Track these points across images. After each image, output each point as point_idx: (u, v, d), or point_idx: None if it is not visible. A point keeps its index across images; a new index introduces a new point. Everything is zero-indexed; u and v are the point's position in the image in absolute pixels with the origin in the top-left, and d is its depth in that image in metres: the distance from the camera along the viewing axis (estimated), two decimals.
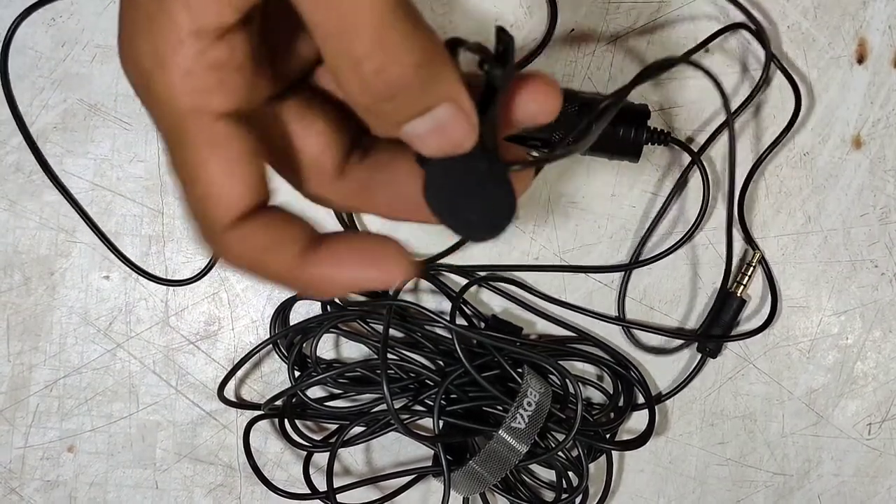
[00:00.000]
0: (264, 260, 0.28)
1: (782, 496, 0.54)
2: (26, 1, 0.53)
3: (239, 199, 0.26)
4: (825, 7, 0.52)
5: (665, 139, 0.50)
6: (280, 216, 0.28)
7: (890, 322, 0.53)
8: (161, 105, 0.26)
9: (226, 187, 0.26)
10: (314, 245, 0.28)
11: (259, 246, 0.27)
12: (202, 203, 0.27)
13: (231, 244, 0.27)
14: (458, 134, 0.26)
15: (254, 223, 0.27)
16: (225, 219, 0.27)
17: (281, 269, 0.28)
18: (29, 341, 0.54)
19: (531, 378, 0.49)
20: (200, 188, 0.26)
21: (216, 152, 0.26)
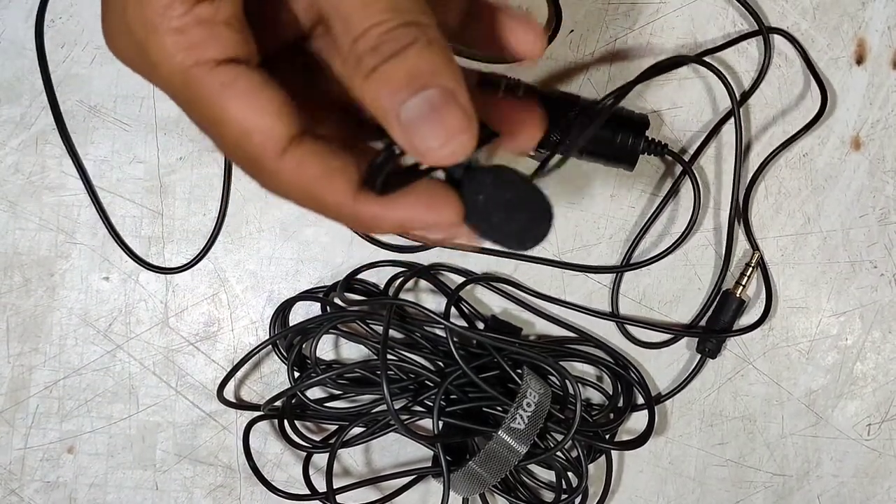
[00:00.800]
0: (319, 190, 0.28)
1: (782, 497, 0.54)
2: (26, 1, 0.53)
3: (272, 127, 0.27)
4: (824, 8, 0.52)
5: (661, 150, 0.50)
6: (330, 145, 0.28)
7: (889, 323, 0.53)
8: (161, 68, 0.27)
9: (255, 119, 0.27)
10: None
11: (312, 175, 0.28)
12: (242, 142, 0.27)
13: (284, 174, 0.27)
14: (454, 134, 0.26)
15: (302, 150, 0.27)
16: (269, 150, 0.27)
17: (337, 200, 0.28)
18: (29, 342, 0.54)
19: (530, 379, 0.49)
20: (233, 129, 0.27)
21: (230, 91, 0.27)
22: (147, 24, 0.26)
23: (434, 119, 0.26)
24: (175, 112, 0.53)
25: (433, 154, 0.26)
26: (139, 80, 0.53)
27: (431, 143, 0.26)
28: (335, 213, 0.29)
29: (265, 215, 0.54)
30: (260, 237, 0.54)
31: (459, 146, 0.26)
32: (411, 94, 0.25)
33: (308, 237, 0.54)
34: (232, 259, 0.54)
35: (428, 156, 0.26)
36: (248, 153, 0.27)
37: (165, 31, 0.26)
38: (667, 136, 0.53)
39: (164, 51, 0.26)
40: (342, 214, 0.29)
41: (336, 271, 0.54)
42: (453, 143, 0.26)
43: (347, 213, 0.28)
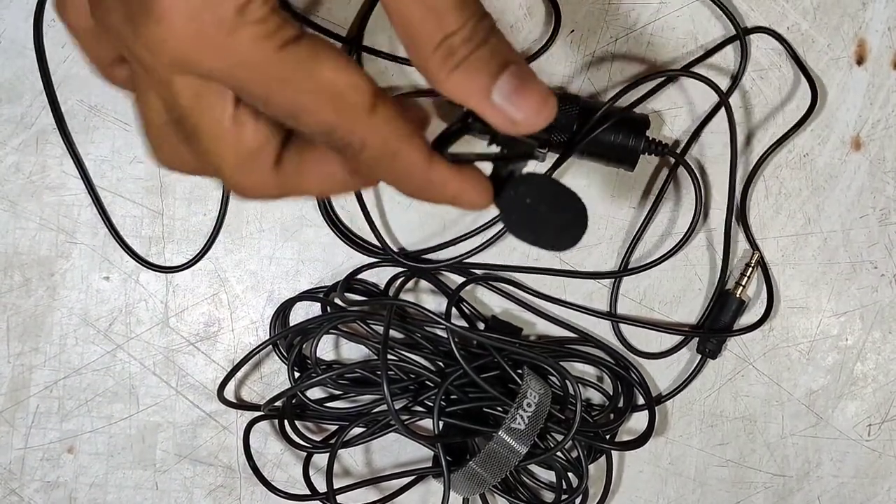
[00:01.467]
0: (403, 148, 0.30)
1: (782, 497, 0.54)
2: (27, 1, 0.53)
3: (361, 81, 0.29)
4: (825, 8, 0.52)
5: (662, 150, 0.50)
6: (401, 107, 0.30)
7: (889, 323, 0.53)
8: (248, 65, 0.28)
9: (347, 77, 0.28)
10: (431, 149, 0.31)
11: (400, 132, 0.30)
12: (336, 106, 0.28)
13: (377, 129, 0.29)
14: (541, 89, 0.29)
15: (388, 107, 0.29)
16: (363, 106, 0.29)
17: (414, 161, 0.30)
18: (29, 342, 0.54)
19: (531, 379, 0.49)
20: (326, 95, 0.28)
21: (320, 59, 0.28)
22: (223, 24, 0.27)
23: (524, 90, 0.29)
24: None
25: (528, 122, 0.29)
26: None
27: (526, 111, 0.29)
28: (408, 175, 0.30)
29: (265, 215, 0.54)
30: (260, 237, 0.54)
31: (550, 110, 0.30)
32: (499, 74, 0.29)
33: (309, 237, 0.54)
34: (232, 259, 0.54)
35: (524, 125, 0.29)
36: (339, 117, 0.29)
37: (246, 25, 0.27)
38: (667, 136, 0.53)
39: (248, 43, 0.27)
40: (413, 177, 0.31)
41: (336, 271, 0.54)
42: (546, 108, 0.29)
43: (421, 172, 0.30)
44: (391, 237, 0.53)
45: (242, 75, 0.28)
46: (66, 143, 0.53)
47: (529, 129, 0.30)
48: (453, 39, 0.28)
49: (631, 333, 0.54)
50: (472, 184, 0.32)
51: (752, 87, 0.53)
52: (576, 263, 0.53)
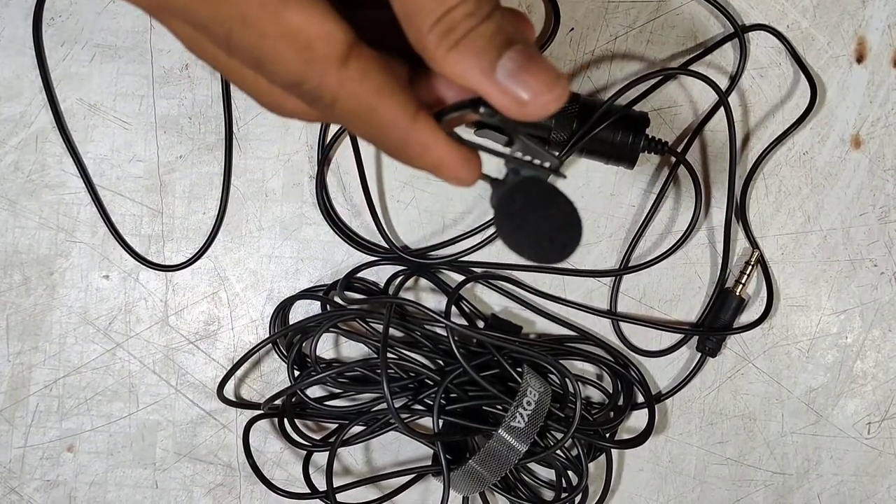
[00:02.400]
0: (380, 103, 0.28)
1: (782, 495, 0.54)
2: (26, 0, 0.53)
3: (334, 31, 0.27)
4: (824, 6, 0.52)
5: (662, 148, 0.50)
6: (384, 60, 0.28)
7: (889, 321, 0.53)
8: None
9: (317, 26, 0.26)
10: (420, 108, 0.29)
11: (375, 85, 0.27)
12: (304, 56, 0.27)
13: (346, 85, 0.27)
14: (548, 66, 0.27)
15: (364, 60, 0.27)
16: (334, 57, 0.27)
17: (394, 117, 0.28)
18: (29, 341, 0.54)
19: (531, 377, 0.49)
20: (292, 43, 0.26)
21: (289, 3, 0.26)
22: None
23: (532, 67, 0.27)
24: (175, 111, 0.53)
25: (537, 103, 0.27)
26: (139, 78, 0.53)
27: (535, 89, 0.27)
28: (387, 133, 0.29)
29: (265, 214, 0.54)
30: (260, 235, 0.54)
31: (561, 89, 0.27)
32: (502, 52, 0.26)
33: (308, 235, 0.54)
34: (232, 257, 0.54)
35: (533, 106, 0.27)
36: (308, 68, 0.27)
37: None
38: (667, 134, 0.53)
39: None
40: (393, 135, 0.29)
41: (336, 270, 0.54)
42: (556, 87, 0.27)
43: (400, 131, 0.28)
44: (391, 235, 0.53)
45: (201, 10, 0.26)
46: (65, 141, 0.53)
47: (540, 112, 0.27)
48: (454, 14, 0.26)
49: (631, 331, 0.54)
50: (459, 155, 0.29)
51: (751, 85, 0.53)
52: (576, 262, 0.53)
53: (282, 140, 0.53)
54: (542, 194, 0.30)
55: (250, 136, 0.53)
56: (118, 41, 0.53)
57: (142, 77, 0.53)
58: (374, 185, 0.53)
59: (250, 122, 0.53)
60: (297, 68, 0.27)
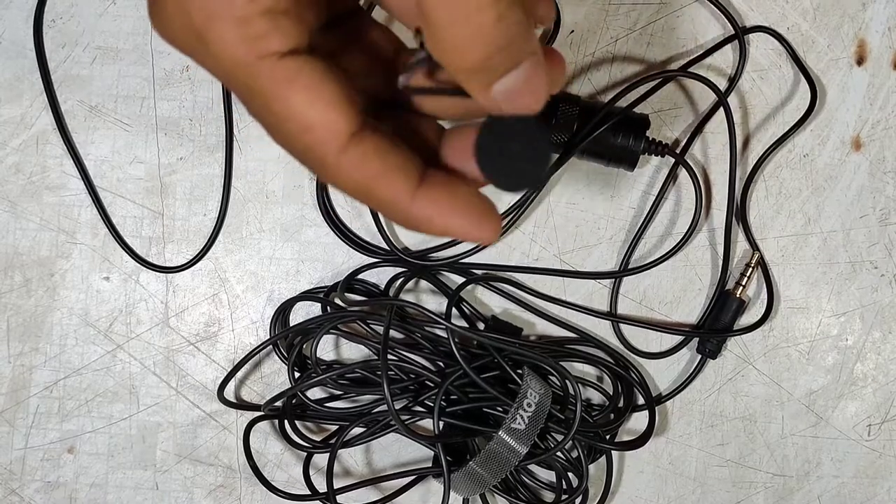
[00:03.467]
0: (377, 187, 0.28)
1: (782, 497, 0.54)
2: (26, 1, 0.53)
3: (335, 121, 0.27)
4: (825, 9, 0.52)
5: (662, 150, 0.50)
6: (390, 140, 0.28)
7: (889, 323, 0.53)
8: (222, 58, 0.26)
9: (318, 115, 0.27)
10: (423, 180, 0.29)
11: (372, 172, 0.28)
12: (304, 137, 0.27)
13: (343, 169, 0.28)
14: (541, 87, 0.27)
15: (363, 147, 0.28)
16: (331, 145, 0.27)
17: (391, 198, 0.28)
18: (29, 342, 0.54)
19: (531, 379, 0.49)
20: (295, 124, 0.27)
21: (295, 86, 0.26)
22: (208, 10, 0.25)
23: (528, 87, 0.27)
24: (175, 112, 0.53)
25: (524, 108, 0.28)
26: (140, 80, 0.54)
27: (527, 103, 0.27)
28: (388, 209, 0.29)
29: (266, 215, 0.54)
30: (260, 237, 0.54)
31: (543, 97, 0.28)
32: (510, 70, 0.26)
33: (309, 237, 0.54)
34: (232, 259, 0.54)
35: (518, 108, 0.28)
36: (309, 147, 0.27)
37: (228, 21, 0.25)
38: (667, 136, 0.53)
39: (226, 41, 0.26)
40: (395, 210, 0.29)
41: (337, 271, 0.54)
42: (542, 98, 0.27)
43: (401, 210, 0.29)
44: (392, 237, 0.53)
45: (211, 68, 0.26)
46: (66, 143, 0.53)
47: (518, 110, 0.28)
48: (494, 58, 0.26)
49: (631, 333, 0.54)
50: (467, 220, 0.29)
51: (751, 88, 0.53)
52: (576, 263, 0.53)
53: None
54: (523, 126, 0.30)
55: (251, 137, 0.53)
56: (119, 43, 0.53)
57: (143, 79, 0.53)
58: None
59: (251, 123, 0.53)
60: (299, 145, 0.27)
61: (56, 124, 0.53)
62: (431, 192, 0.29)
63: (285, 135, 0.27)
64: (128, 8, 0.53)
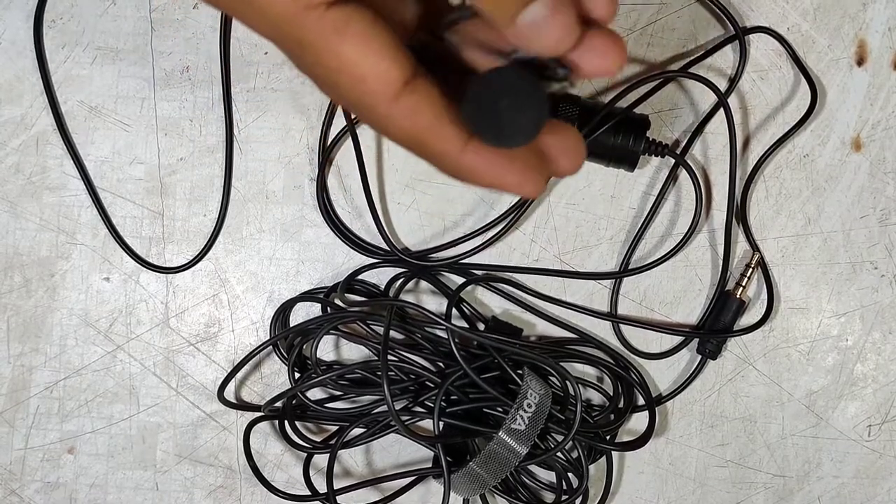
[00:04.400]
0: (429, 138, 0.28)
1: (782, 498, 0.54)
2: (26, 2, 0.53)
3: (388, 70, 0.27)
4: (825, 9, 0.52)
5: (662, 151, 0.50)
6: (440, 93, 0.28)
7: (890, 324, 0.53)
8: (269, 12, 0.26)
9: (370, 64, 0.26)
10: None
11: (424, 122, 0.28)
12: (356, 87, 0.27)
13: (396, 119, 0.28)
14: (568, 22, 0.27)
15: (416, 97, 0.28)
16: (384, 95, 0.27)
17: (442, 149, 0.28)
18: (29, 343, 0.54)
19: (531, 379, 0.49)
20: (346, 74, 0.27)
21: (345, 36, 0.26)
22: None
23: (555, 20, 0.27)
24: (175, 112, 0.53)
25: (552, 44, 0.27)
26: (140, 80, 0.54)
27: (554, 38, 0.27)
28: (439, 159, 0.29)
29: (266, 216, 0.54)
30: (261, 238, 0.54)
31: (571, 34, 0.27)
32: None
33: (309, 238, 0.54)
34: (232, 260, 0.54)
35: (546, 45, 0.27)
36: (361, 98, 0.27)
37: None
38: (667, 136, 0.53)
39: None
40: (445, 161, 0.29)
41: (337, 272, 0.54)
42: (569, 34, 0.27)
43: (451, 161, 0.29)
44: (392, 238, 0.53)
45: (256, 24, 0.26)
46: (66, 143, 0.53)
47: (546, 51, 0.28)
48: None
49: (631, 334, 0.54)
50: (514, 173, 0.29)
51: (752, 88, 0.53)
52: (576, 264, 0.53)
53: (283, 142, 0.53)
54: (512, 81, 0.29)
55: (251, 138, 0.53)
56: (119, 43, 0.53)
57: (143, 79, 0.53)
58: (375, 187, 0.53)
59: (251, 124, 0.53)
60: (349, 96, 0.27)
61: (56, 125, 0.53)
62: (481, 146, 0.29)
63: (337, 87, 0.27)
64: (128, 8, 0.53)
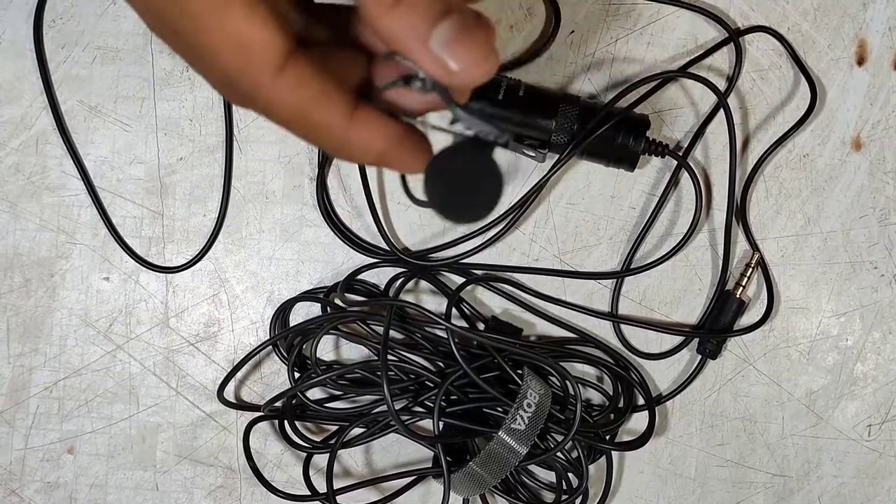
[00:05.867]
0: (313, 110, 0.28)
1: (782, 498, 0.54)
2: (26, 2, 0.53)
3: (272, 41, 0.27)
4: (825, 9, 0.52)
5: (662, 151, 0.50)
6: (325, 64, 0.28)
7: (889, 323, 0.53)
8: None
9: (254, 33, 0.26)
10: (358, 105, 0.29)
11: (309, 93, 0.28)
12: (240, 58, 0.27)
13: (280, 91, 0.27)
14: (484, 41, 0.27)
15: (300, 68, 0.27)
16: (268, 66, 0.27)
17: (329, 121, 0.28)
18: (29, 343, 0.54)
19: (531, 379, 0.49)
20: (230, 43, 0.27)
21: (232, 6, 0.26)
22: None
23: (466, 39, 0.27)
24: (175, 112, 0.53)
25: (464, 74, 0.27)
26: (140, 80, 0.54)
27: (464, 62, 0.27)
28: (325, 135, 0.29)
29: (266, 215, 0.54)
30: (260, 238, 0.54)
31: (490, 65, 0.27)
32: (440, 19, 0.27)
33: (308, 238, 0.54)
34: (232, 259, 0.54)
35: (458, 76, 0.27)
36: (244, 69, 0.27)
37: None
38: (667, 136, 0.53)
39: None
40: (332, 136, 0.29)
41: (336, 272, 0.54)
42: (485, 63, 0.27)
43: (339, 135, 0.29)
44: (392, 238, 0.53)
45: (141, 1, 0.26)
46: (66, 143, 0.53)
47: (467, 83, 0.28)
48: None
49: (631, 334, 0.54)
50: (402, 144, 0.30)
51: (752, 88, 0.53)
52: (576, 264, 0.53)
53: (282, 142, 0.53)
54: (473, 158, 0.30)
55: (251, 138, 0.53)
56: (119, 43, 0.53)
57: (142, 79, 0.53)
58: (374, 186, 0.53)
59: (251, 123, 0.53)
60: (232, 68, 0.27)
61: (56, 124, 0.53)
62: (368, 116, 0.29)
63: (218, 59, 0.27)
64: (128, 8, 0.53)
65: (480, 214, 0.30)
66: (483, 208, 0.30)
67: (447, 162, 0.30)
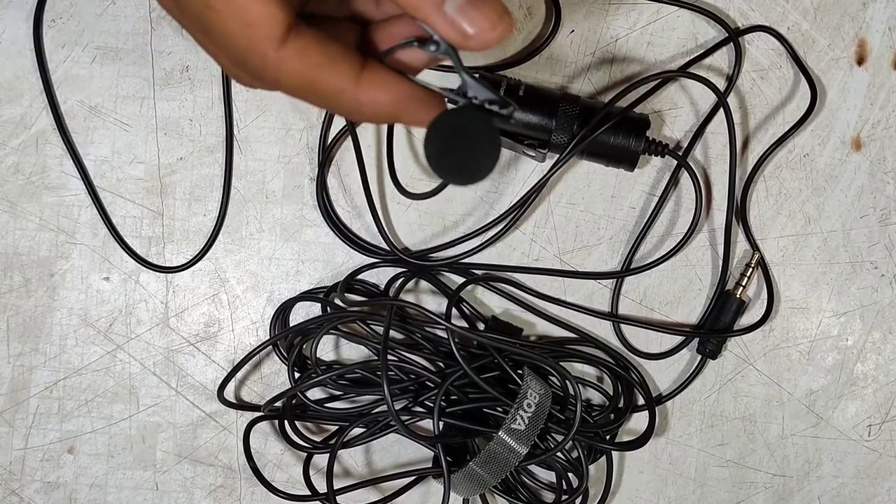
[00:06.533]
0: (321, 77, 0.29)
1: (782, 498, 0.54)
2: (26, 1, 0.53)
3: (274, 14, 0.28)
4: (825, 8, 0.52)
5: (662, 150, 0.50)
6: (329, 30, 0.30)
7: (890, 323, 0.53)
8: None
9: (259, 8, 0.28)
10: (365, 67, 0.30)
11: (315, 62, 0.29)
12: (246, 34, 0.28)
13: (286, 62, 0.29)
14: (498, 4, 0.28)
15: (304, 38, 0.29)
16: (273, 39, 0.28)
17: (337, 86, 0.29)
18: (29, 343, 0.54)
19: (531, 379, 0.49)
20: (236, 20, 0.28)
21: None
22: None
23: (480, 2, 0.28)
24: (175, 112, 0.53)
25: (481, 37, 0.28)
26: (140, 80, 0.54)
27: (479, 25, 0.28)
28: (336, 99, 0.30)
29: (266, 215, 0.54)
30: (260, 237, 0.54)
31: (505, 27, 0.29)
32: None
33: (308, 237, 0.54)
34: (232, 259, 0.54)
35: (473, 40, 0.28)
36: (251, 45, 0.28)
37: None
38: (667, 136, 0.53)
39: None
40: (342, 100, 0.30)
41: (336, 272, 0.54)
42: (500, 24, 0.28)
43: (348, 98, 0.30)
44: (392, 237, 0.53)
45: None
46: (65, 143, 0.53)
47: (482, 46, 0.29)
48: None
49: (631, 334, 0.54)
50: (413, 98, 0.31)
51: (752, 88, 0.53)
52: (576, 264, 0.53)
53: (282, 142, 0.53)
54: (474, 121, 0.32)
55: (251, 137, 0.53)
56: (119, 43, 0.53)
57: (142, 79, 0.53)
58: (374, 186, 0.53)
59: (251, 123, 0.53)
60: (240, 44, 0.28)
61: (56, 124, 0.53)
62: (375, 76, 0.30)
63: (226, 37, 0.28)
64: (128, 8, 0.53)
65: (474, 177, 0.32)
66: (477, 171, 0.31)
67: (449, 121, 0.31)
